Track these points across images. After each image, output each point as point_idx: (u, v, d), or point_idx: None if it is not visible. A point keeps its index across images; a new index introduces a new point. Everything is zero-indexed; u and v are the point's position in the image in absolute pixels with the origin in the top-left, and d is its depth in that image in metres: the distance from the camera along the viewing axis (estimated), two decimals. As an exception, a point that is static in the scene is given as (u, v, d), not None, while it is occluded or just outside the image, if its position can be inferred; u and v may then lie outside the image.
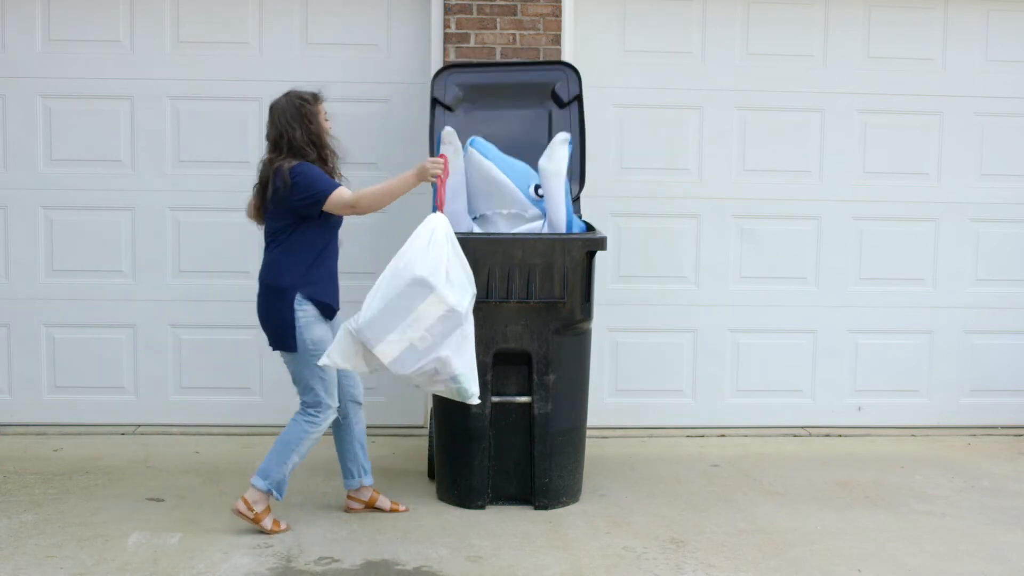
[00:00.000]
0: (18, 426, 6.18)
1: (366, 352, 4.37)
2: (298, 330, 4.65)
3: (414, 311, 4.30)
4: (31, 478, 5.37)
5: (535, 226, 5.13)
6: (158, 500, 5.10)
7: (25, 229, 6.17)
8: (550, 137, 5.46)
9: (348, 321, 4.39)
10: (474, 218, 5.22)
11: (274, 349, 4.77)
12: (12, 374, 6.23)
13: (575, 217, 5.20)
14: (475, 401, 4.46)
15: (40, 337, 6.21)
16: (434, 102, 5.60)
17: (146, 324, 6.22)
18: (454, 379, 4.38)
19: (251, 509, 4.67)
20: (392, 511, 4.98)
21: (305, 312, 4.66)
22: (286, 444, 4.71)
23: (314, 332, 4.67)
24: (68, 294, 6.18)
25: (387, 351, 4.32)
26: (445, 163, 4.65)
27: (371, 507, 4.99)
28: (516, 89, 5.67)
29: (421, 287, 4.31)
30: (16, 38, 6.11)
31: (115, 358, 6.23)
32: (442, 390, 4.49)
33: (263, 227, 4.80)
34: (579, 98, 5.64)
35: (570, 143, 5.07)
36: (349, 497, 5.00)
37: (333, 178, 4.75)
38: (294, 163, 4.64)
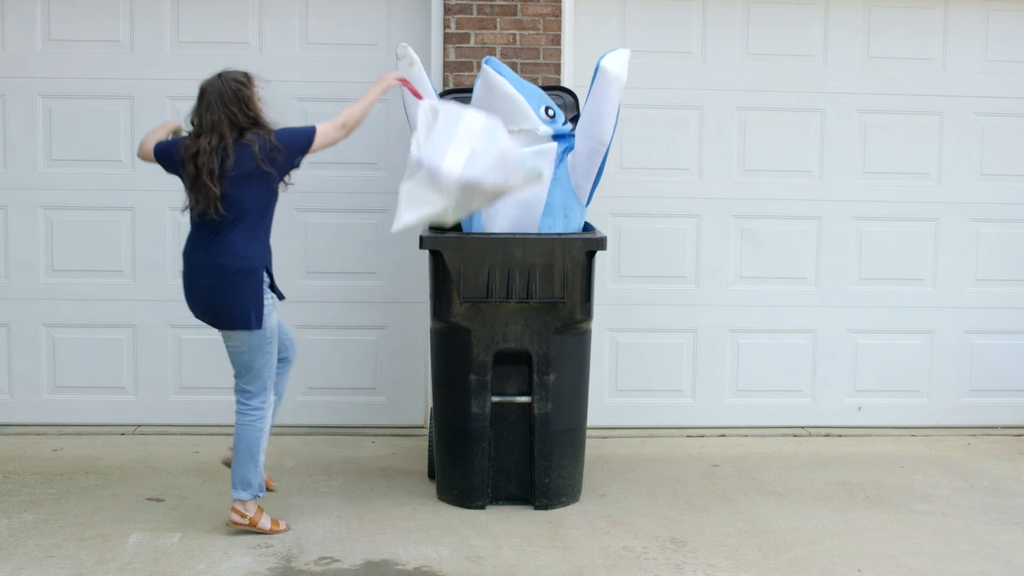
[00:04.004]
0: (18, 426, 6.18)
1: (434, 181, 4.51)
2: (265, 311, 4.61)
3: (461, 122, 4.58)
4: (31, 478, 5.38)
5: (547, 148, 5.09)
6: (158, 500, 5.10)
7: (25, 229, 6.17)
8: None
9: (406, 173, 4.62)
10: None
11: (232, 329, 4.61)
12: (12, 374, 6.23)
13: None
14: (544, 180, 4.80)
15: (40, 337, 6.21)
16: None
17: (146, 324, 6.22)
18: (521, 161, 4.59)
19: (244, 516, 4.66)
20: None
21: (268, 295, 4.65)
22: (250, 450, 4.67)
23: (273, 318, 4.67)
24: (68, 294, 6.18)
25: (454, 162, 4.50)
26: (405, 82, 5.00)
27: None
28: None
29: (457, 109, 4.67)
30: (16, 38, 6.11)
31: (115, 358, 6.23)
32: (516, 183, 4.69)
33: (204, 213, 4.55)
34: (576, 119, 5.60)
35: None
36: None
37: None
38: (261, 131, 4.56)
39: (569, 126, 5.26)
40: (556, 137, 5.15)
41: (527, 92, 5.15)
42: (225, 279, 4.60)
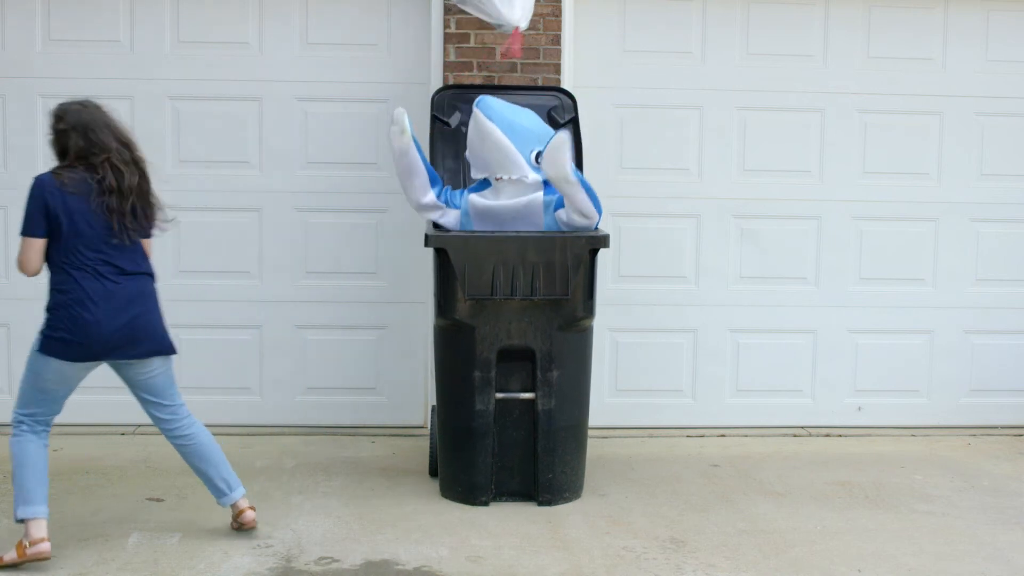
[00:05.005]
0: (18, 426, 6.16)
1: None
2: None
3: None
4: (31, 478, 5.37)
5: (535, 196, 5.06)
6: (158, 500, 5.10)
7: (25, 229, 6.15)
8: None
9: None
10: (483, 179, 5.18)
11: (166, 353, 4.56)
12: (12, 374, 6.21)
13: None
14: None
15: (40, 337, 6.19)
16: (434, 118, 5.65)
17: (146, 324, 6.20)
18: None
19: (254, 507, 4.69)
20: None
21: None
22: (218, 449, 4.65)
23: None
24: (68, 294, 6.17)
25: None
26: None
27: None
28: None
29: None
30: (16, 38, 6.11)
31: (115, 358, 6.21)
32: None
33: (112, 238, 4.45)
34: (575, 121, 5.66)
35: (569, 140, 4.97)
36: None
37: None
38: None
39: None
40: (547, 183, 5.09)
41: (517, 135, 5.04)
42: (151, 302, 4.54)
